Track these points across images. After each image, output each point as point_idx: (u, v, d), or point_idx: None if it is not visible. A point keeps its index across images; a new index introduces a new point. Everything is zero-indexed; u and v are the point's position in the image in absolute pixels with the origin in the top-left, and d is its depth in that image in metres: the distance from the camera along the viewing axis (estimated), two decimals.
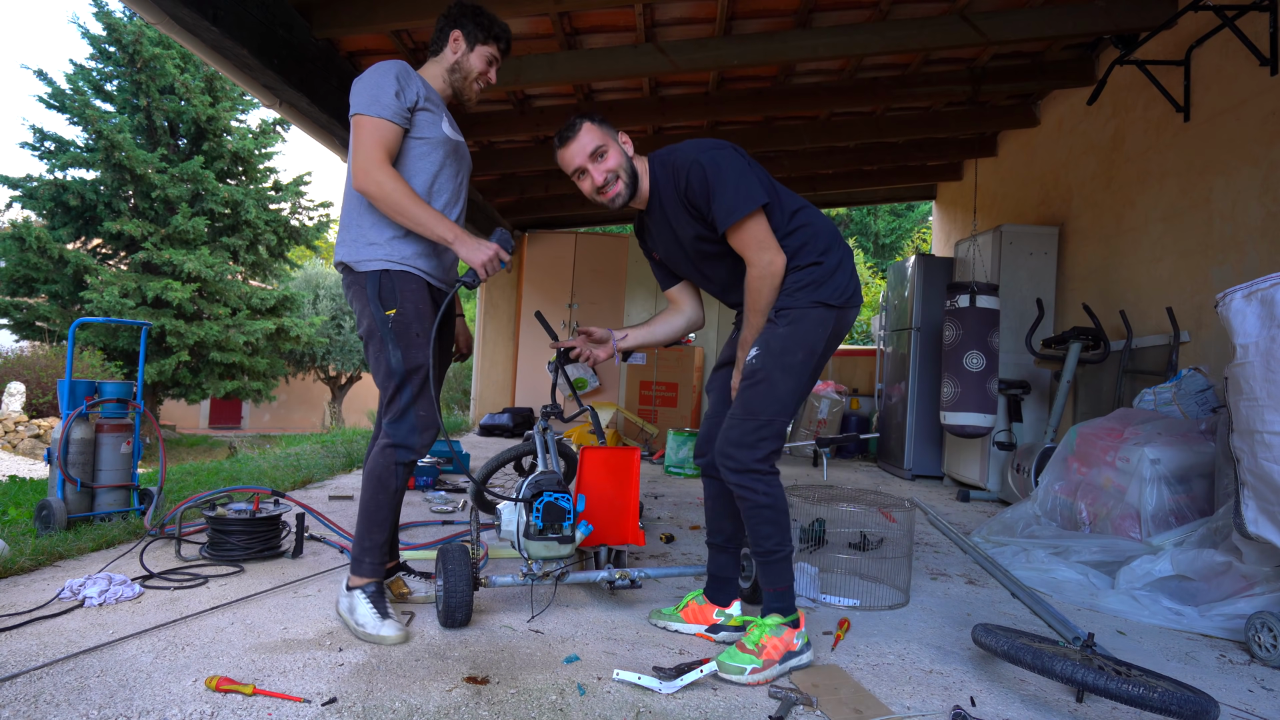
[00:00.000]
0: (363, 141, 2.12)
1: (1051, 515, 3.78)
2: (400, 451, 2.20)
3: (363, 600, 2.17)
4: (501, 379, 9.88)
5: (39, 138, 13.42)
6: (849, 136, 6.82)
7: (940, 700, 1.91)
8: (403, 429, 2.20)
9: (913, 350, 6.33)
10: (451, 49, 2.33)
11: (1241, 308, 2.44)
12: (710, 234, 2.16)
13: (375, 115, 2.12)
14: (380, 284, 2.16)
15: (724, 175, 2.07)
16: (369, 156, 2.10)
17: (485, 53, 2.35)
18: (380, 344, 2.17)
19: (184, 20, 3.18)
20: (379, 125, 2.13)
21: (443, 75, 2.34)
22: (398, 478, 2.22)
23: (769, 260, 2.08)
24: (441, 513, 3.95)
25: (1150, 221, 4.85)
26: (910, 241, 19.80)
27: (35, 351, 12.30)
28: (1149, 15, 4.49)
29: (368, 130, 2.12)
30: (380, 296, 2.16)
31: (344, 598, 2.23)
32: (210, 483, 4.26)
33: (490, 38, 2.35)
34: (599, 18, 4.58)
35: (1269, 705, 2.03)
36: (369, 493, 2.23)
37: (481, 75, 2.37)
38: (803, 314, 2.10)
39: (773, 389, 2.08)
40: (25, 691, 1.69)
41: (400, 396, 2.19)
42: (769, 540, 2.07)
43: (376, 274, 2.17)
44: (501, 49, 2.39)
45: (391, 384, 2.18)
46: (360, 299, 2.19)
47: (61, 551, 2.73)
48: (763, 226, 2.08)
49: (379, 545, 2.24)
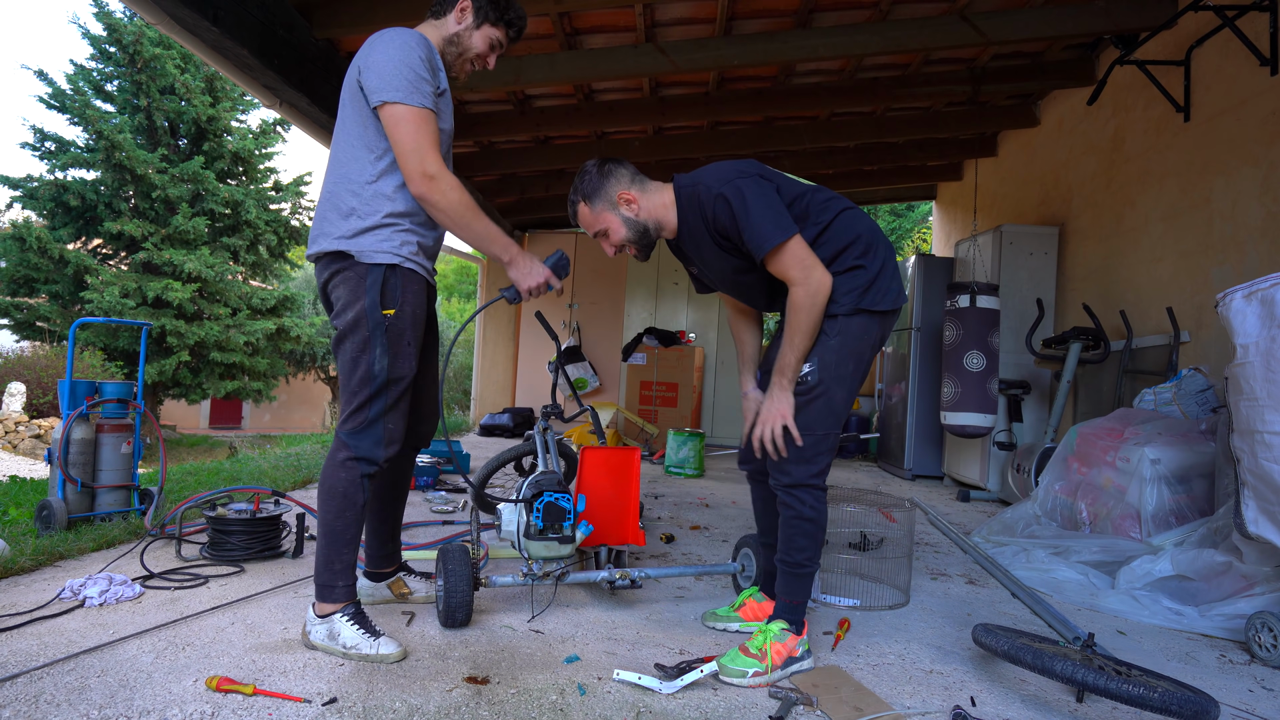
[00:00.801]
0: (414, 137, 1.89)
1: (1052, 515, 3.78)
2: (364, 465, 1.99)
3: (345, 623, 1.97)
4: (502, 379, 9.88)
5: (39, 138, 13.44)
6: (849, 136, 6.83)
7: (940, 700, 1.91)
8: (367, 441, 1.98)
9: (913, 350, 6.33)
10: (457, 17, 2.11)
11: (1242, 308, 2.44)
12: (748, 263, 2.10)
13: (419, 105, 1.90)
14: (385, 279, 1.96)
15: (749, 207, 2.00)
16: (427, 157, 1.89)
17: (492, 35, 2.14)
18: (365, 344, 1.95)
19: (184, 20, 3.18)
20: (428, 118, 1.91)
21: (440, 43, 2.11)
22: (364, 491, 2.00)
23: (817, 279, 1.97)
24: (441, 513, 3.96)
25: (1150, 221, 4.84)
26: (910, 241, 19.80)
27: (36, 352, 12.31)
28: (1149, 15, 4.49)
29: (415, 124, 1.89)
30: (382, 293, 1.96)
31: (317, 626, 1.99)
32: (211, 483, 4.27)
33: (502, 20, 2.14)
34: (599, 18, 4.58)
35: (1269, 705, 2.03)
36: (332, 512, 1.98)
37: (480, 58, 2.16)
38: (847, 322, 2.04)
39: (830, 404, 2.04)
40: (26, 691, 1.69)
41: (372, 405, 1.98)
42: (802, 553, 2.05)
43: (382, 268, 1.95)
44: (511, 36, 2.18)
45: (366, 390, 1.97)
46: (354, 290, 1.95)
47: (62, 551, 2.73)
48: (801, 247, 1.99)
49: (350, 566, 2.03)
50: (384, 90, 1.90)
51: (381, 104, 1.91)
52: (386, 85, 1.90)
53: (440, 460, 5.16)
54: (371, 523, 2.35)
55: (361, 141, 1.99)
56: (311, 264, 2.69)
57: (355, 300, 1.95)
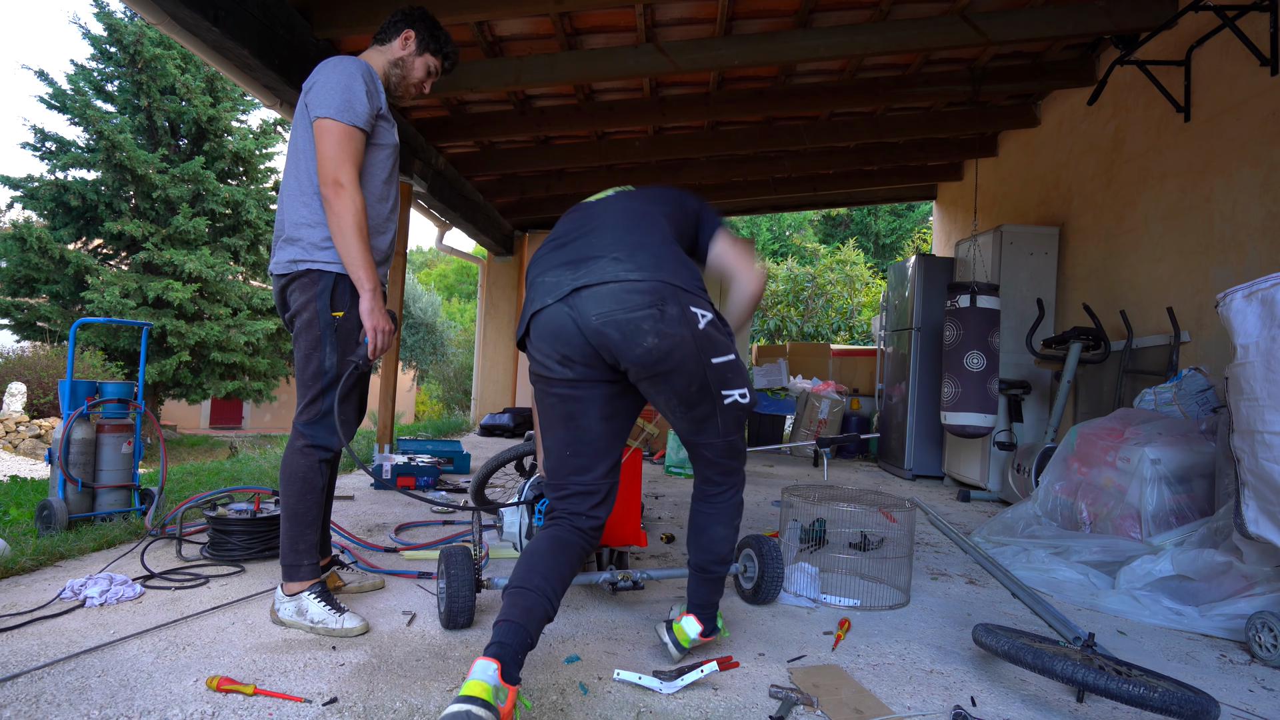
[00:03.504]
0: (335, 149, 2.10)
1: (1052, 515, 3.78)
2: (320, 451, 2.21)
3: (312, 600, 2.16)
4: (502, 379, 9.88)
5: (40, 138, 13.44)
6: (849, 137, 6.82)
7: (941, 700, 1.91)
8: (323, 430, 2.21)
9: (913, 350, 6.33)
10: (401, 44, 2.35)
11: (1242, 308, 2.44)
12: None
13: (349, 122, 2.11)
14: (335, 285, 2.17)
15: None
16: (342, 167, 2.09)
17: (430, 63, 2.40)
18: (317, 342, 2.17)
19: (185, 21, 3.19)
20: (352, 134, 2.12)
21: (385, 66, 2.35)
22: (322, 475, 2.23)
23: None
24: (442, 512, 3.96)
25: (1150, 221, 4.84)
26: (911, 241, 19.81)
27: (36, 352, 12.31)
28: (1149, 15, 4.49)
29: (339, 138, 2.10)
30: (332, 297, 2.17)
31: (286, 603, 2.19)
32: (211, 483, 4.27)
33: (440, 52, 2.41)
34: (599, 18, 4.58)
35: (1269, 705, 2.03)
36: (295, 495, 2.20)
37: (419, 84, 2.41)
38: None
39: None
40: (26, 691, 1.69)
41: (325, 398, 2.19)
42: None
43: (333, 275, 2.17)
44: (445, 67, 2.45)
45: (318, 384, 2.18)
46: (307, 294, 2.17)
47: (62, 551, 2.73)
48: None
49: (314, 546, 2.24)
50: (318, 107, 2.12)
51: (316, 119, 2.13)
52: (321, 103, 2.12)
53: (440, 460, 5.16)
54: None
55: (308, 156, 2.20)
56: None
57: (308, 303, 2.18)
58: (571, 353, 1.83)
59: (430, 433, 8.45)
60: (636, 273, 1.80)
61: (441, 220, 8.17)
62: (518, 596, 1.71)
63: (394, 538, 3.31)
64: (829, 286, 15.41)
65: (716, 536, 2.02)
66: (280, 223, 2.24)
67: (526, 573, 1.76)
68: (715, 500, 2.03)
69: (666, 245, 1.92)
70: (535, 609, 1.70)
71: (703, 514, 2.04)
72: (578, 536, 1.89)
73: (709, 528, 2.02)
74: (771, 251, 20.67)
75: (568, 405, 1.90)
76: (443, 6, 3.97)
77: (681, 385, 1.86)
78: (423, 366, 19.99)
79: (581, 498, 1.91)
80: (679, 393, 1.87)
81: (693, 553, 2.05)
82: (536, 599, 1.71)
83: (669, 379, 1.84)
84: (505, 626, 1.65)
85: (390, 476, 4.56)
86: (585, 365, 1.85)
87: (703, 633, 2.04)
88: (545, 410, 1.95)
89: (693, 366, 1.84)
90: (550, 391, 1.91)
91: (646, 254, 1.85)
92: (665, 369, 1.82)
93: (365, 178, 2.22)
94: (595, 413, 1.90)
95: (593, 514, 1.92)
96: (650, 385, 1.88)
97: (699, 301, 1.85)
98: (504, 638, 1.62)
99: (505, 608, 1.70)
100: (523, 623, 1.66)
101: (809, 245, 19.00)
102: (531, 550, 1.83)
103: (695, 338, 1.82)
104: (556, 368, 1.87)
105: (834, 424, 7.77)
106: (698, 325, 1.83)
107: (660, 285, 1.80)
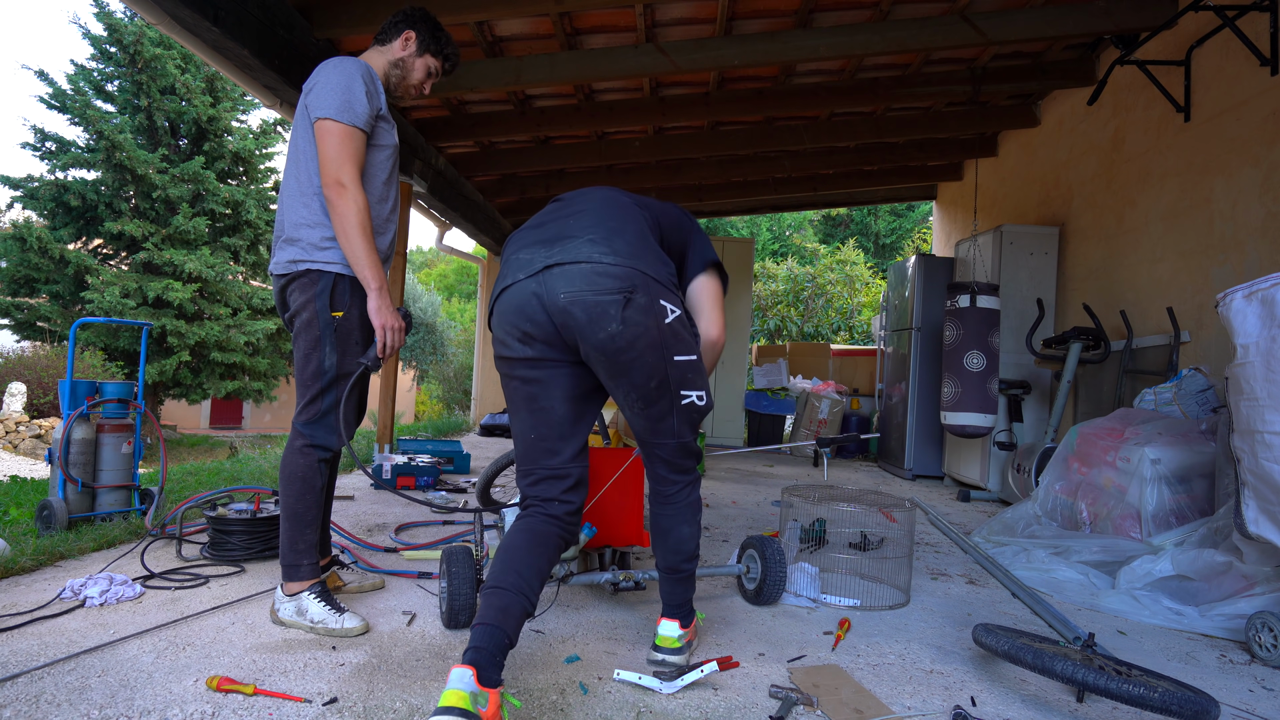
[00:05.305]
0: (337, 149, 2.10)
1: (1052, 515, 3.78)
2: (320, 451, 2.22)
3: (312, 600, 2.16)
4: None
5: (40, 138, 13.43)
6: (849, 137, 6.82)
7: (941, 700, 1.91)
8: (322, 430, 2.21)
9: (913, 350, 6.33)
10: (401, 44, 2.36)
11: (1242, 308, 2.44)
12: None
13: (349, 123, 2.11)
14: (335, 285, 2.17)
15: None
16: (344, 168, 2.09)
17: (430, 64, 2.40)
18: (316, 342, 2.17)
19: (184, 20, 3.18)
20: (353, 135, 2.12)
21: (385, 66, 2.35)
22: (322, 475, 2.24)
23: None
24: (442, 512, 3.95)
25: (1150, 221, 4.84)
26: (911, 241, 19.80)
27: (36, 352, 12.31)
28: (1149, 15, 4.49)
29: (340, 138, 2.10)
30: (331, 297, 2.17)
31: (286, 603, 2.19)
32: (211, 483, 4.27)
33: (440, 54, 2.41)
34: (599, 18, 4.58)
35: (1269, 705, 2.03)
36: (294, 495, 2.20)
37: (419, 85, 2.41)
38: None
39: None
40: (26, 691, 1.69)
41: (324, 398, 2.20)
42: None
43: (332, 275, 2.17)
44: (446, 68, 2.45)
45: (317, 385, 2.19)
46: (307, 294, 2.17)
47: (63, 551, 2.73)
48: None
49: (313, 545, 2.23)
50: (319, 108, 2.13)
51: (316, 119, 2.13)
52: (322, 104, 2.12)
53: (440, 460, 5.16)
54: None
55: (309, 156, 2.20)
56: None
57: (308, 303, 2.18)
58: (533, 330, 1.83)
59: (430, 433, 8.45)
60: (610, 257, 1.79)
61: (441, 220, 8.17)
62: (493, 597, 1.70)
63: (394, 538, 3.31)
64: (829, 286, 15.42)
65: (683, 536, 2.00)
66: (280, 223, 2.25)
67: (501, 570, 1.75)
68: (674, 500, 2.01)
69: (644, 237, 1.91)
70: (511, 608, 1.69)
71: (665, 516, 2.02)
72: (552, 525, 1.88)
73: (674, 529, 2.01)
74: (772, 251, 20.67)
75: (530, 387, 1.89)
76: (443, 7, 3.97)
77: (641, 379, 1.84)
78: (423, 366, 19.99)
79: (551, 483, 1.90)
80: (638, 387, 1.85)
81: (661, 556, 2.03)
82: (512, 597, 1.70)
83: (629, 371, 1.82)
84: (481, 630, 1.64)
85: (390, 476, 4.56)
86: (545, 344, 1.85)
87: (682, 625, 2.03)
88: (510, 395, 1.96)
89: (653, 359, 1.82)
90: (513, 375, 1.91)
91: (622, 241, 1.85)
92: (626, 359, 1.80)
93: (365, 179, 2.22)
94: (558, 394, 1.89)
95: (565, 499, 1.90)
96: (609, 376, 1.86)
97: (669, 296, 1.85)
98: (479, 642, 1.61)
99: (481, 609, 1.69)
100: (498, 624, 1.65)
101: (809, 245, 19.01)
102: (506, 545, 1.83)
103: (660, 330, 1.81)
104: (516, 345, 1.86)
105: (834, 424, 7.77)
106: (664, 319, 1.82)
107: (633, 272, 1.79)
